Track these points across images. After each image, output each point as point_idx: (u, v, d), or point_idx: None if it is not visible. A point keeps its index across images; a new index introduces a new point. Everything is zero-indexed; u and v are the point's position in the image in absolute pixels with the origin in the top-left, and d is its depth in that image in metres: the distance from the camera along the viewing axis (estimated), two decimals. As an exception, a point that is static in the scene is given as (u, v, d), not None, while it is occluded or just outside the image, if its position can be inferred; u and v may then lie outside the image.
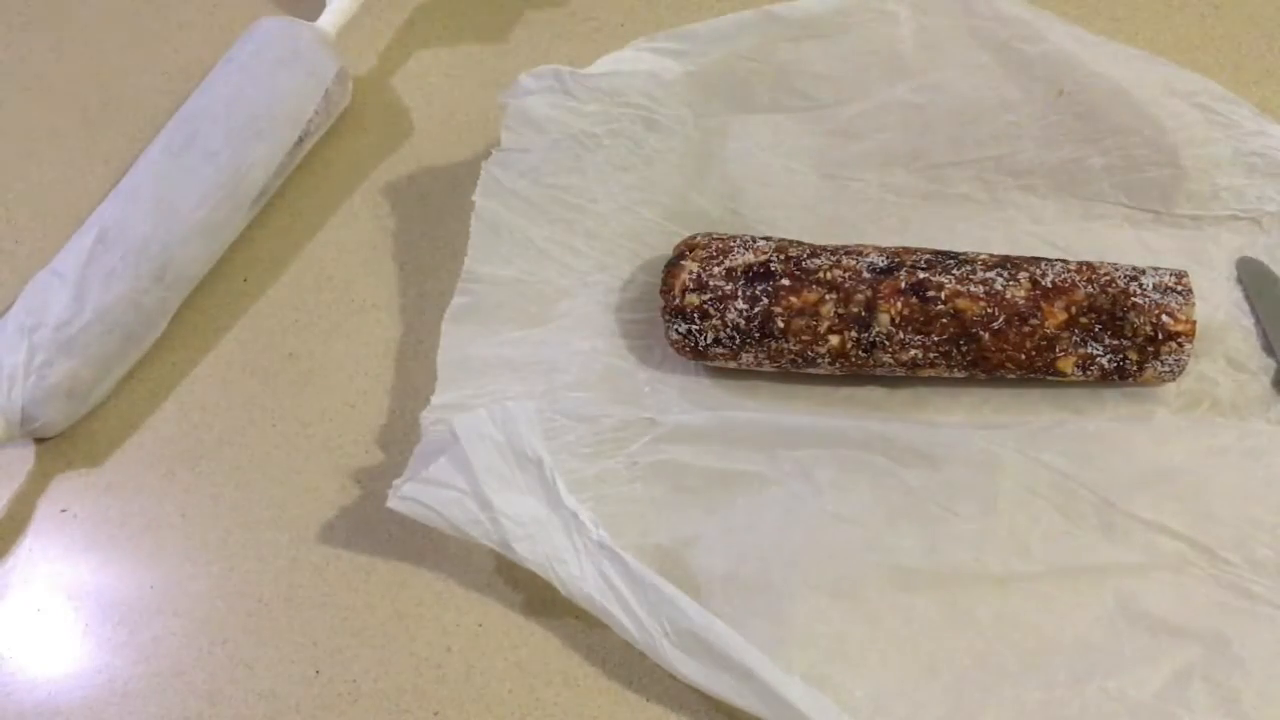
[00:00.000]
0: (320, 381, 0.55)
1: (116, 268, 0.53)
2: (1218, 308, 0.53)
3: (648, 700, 0.46)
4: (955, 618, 0.46)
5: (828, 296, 0.50)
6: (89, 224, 0.55)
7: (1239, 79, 0.59)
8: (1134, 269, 0.50)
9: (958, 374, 0.51)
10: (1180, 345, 0.48)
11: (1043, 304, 0.49)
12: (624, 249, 0.56)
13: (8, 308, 0.54)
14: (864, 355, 0.50)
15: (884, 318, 0.49)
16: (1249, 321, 0.52)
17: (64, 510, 0.53)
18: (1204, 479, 0.48)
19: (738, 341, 0.50)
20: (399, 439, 0.53)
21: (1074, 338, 0.49)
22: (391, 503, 0.47)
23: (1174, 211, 0.55)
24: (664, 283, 0.51)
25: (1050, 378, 0.50)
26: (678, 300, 0.51)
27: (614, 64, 0.57)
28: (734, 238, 0.52)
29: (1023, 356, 0.49)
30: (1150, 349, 0.49)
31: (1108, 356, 0.49)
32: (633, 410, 0.52)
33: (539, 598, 0.48)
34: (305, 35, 0.60)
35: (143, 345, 0.55)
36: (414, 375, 0.55)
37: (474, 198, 0.55)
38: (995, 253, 0.51)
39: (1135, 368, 0.49)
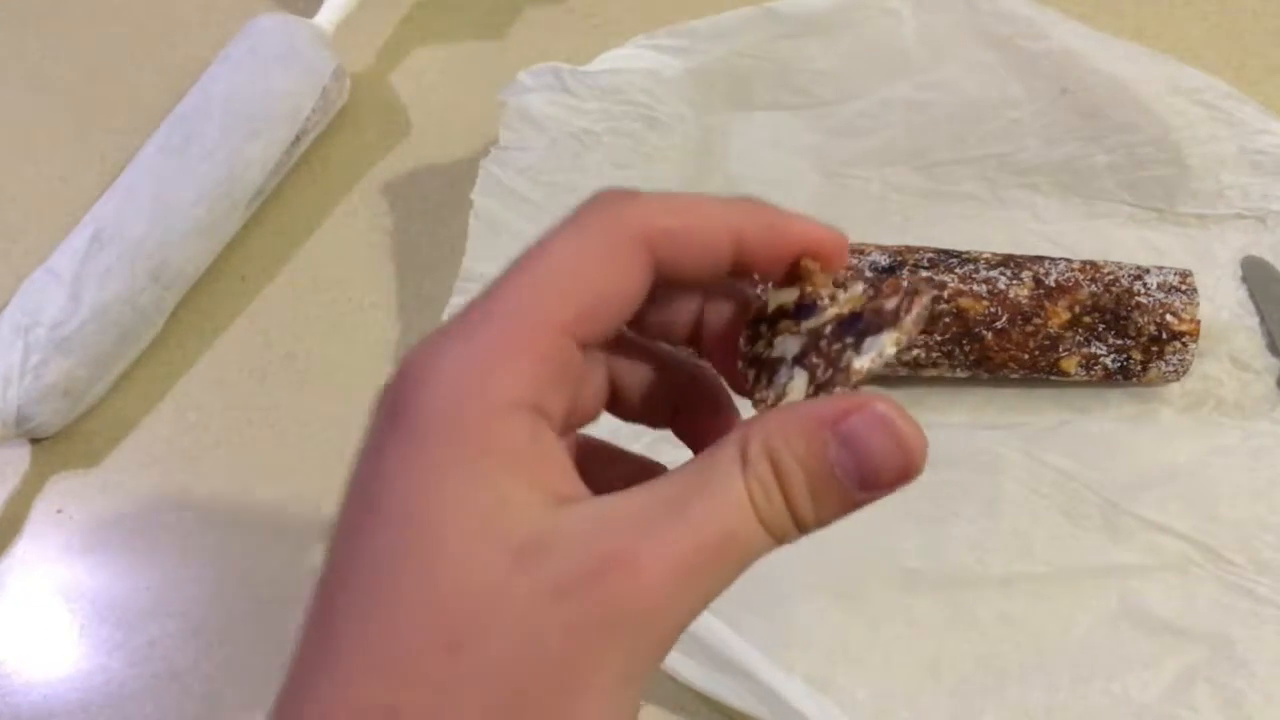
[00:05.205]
0: (319, 381, 0.55)
1: (112, 267, 0.53)
2: (1222, 307, 0.52)
3: (648, 700, 0.46)
4: (958, 619, 0.46)
5: (829, 295, 0.49)
6: (85, 223, 0.55)
7: (1244, 76, 0.59)
8: (1138, 268, 0.50)
9: (960, 374, 0.50)
10: (1184, 345, 0.48)
11: (1046, 303, 0.48)
12: (624, 248, 0.56)
13: (3, 307, 0.53)
14: (866, 355, 0.49)
15: (886, 317, 0.49)
16: (1254, 321, 0.52)
17: (60, 510, 0.52)
18: (1208, 479, 0.48)
19: (738, 341, 0.50)
20: (397, 439, 0.53)
21: (1077, 337, 0.49)
22: (390, 503, 0.46)
23: (1178, 210, 0.54)
24: (664, 282, 0.51)
25: (1054, 378, 0.50)
26: (678, 299, 0.50)
27: (614, 61, 0.56)
28: (735, 236, 0.52)
29: (1026, 356, 0.49)
30: (1154, 349, 0.48)
31: (1111, 356, 0.49)
32: (633, 410, 0.51)
33: (538, 599, 0.48)
34: (302, 33, 0.59)
35: (139, 344, 0.55)
36: (412, 375, 0.54)
37: (472, 196, 0.55)
38: (998, 251, 0.51)
39: (1139, 367, 0.49)
